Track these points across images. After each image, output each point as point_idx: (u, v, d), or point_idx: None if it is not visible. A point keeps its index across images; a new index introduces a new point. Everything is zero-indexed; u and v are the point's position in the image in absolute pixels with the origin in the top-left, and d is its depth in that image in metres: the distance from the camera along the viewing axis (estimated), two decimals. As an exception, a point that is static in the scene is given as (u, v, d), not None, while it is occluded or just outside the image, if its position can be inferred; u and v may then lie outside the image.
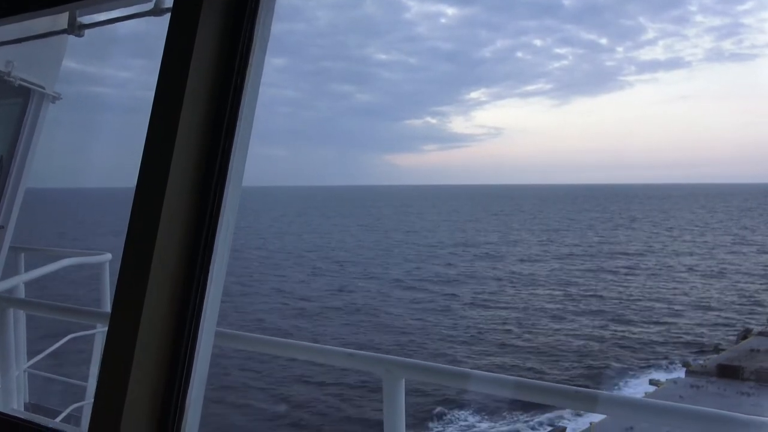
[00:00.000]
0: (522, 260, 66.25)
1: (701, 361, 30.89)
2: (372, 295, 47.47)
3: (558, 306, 45.04)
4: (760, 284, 52.86)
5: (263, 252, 70.73)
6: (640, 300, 46.68)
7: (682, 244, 79.48)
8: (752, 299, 47.44)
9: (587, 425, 23.90)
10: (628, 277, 55.85)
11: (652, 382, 29.20)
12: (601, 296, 47.98)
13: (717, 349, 33.63)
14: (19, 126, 5.62)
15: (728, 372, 27.73)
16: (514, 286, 52.11)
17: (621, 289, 50.63)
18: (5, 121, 5.75)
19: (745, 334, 35.24)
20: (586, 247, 76.66)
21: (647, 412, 2.64)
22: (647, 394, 26.31)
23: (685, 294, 49.05)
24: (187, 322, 1.98)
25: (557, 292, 49.57)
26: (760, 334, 34.41)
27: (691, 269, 60.58)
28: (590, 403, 2.67)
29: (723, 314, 42.70)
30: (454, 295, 48.09)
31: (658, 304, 45.30)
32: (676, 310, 43.70)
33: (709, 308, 44.61)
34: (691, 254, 70.22)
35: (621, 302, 45.70)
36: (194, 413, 1.99)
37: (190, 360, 1.98)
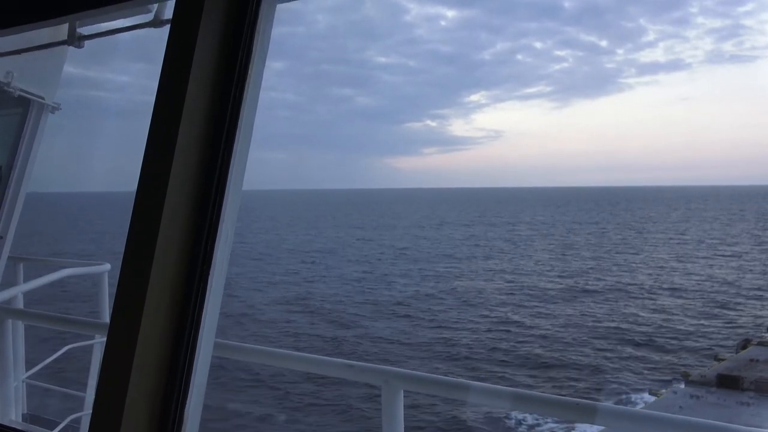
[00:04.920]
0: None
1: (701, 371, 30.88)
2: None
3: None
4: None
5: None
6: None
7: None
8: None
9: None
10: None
11: (651, 392, 29.14)
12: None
13: (717, 359, 33.57)
14: (18, 136, 5.63)
15: (728, 382, 27.63)
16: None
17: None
18: (5, 131, 5.77)
19: (745, 343, 35.15)
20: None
21: (647, 423, 2.63)
22: (647, 405, 26.22)
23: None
24: (186, 332, 1.98)
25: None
26: (760, 343, 34.32)
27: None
28: (589, 415, 2.67)
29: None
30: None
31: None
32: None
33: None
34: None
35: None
36: (193, 424, 1.99)
37: (188, 371, 1.98)
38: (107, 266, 6.00)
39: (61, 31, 4.66)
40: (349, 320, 38.91)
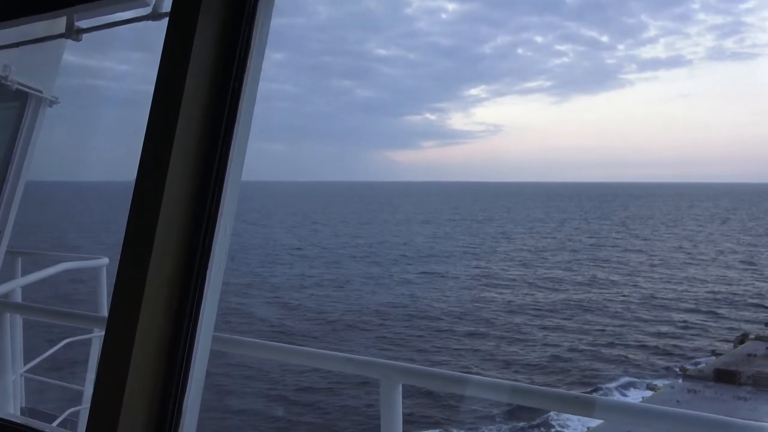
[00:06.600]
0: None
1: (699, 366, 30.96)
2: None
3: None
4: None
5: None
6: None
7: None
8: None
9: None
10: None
11: (649, 387, 29.25)
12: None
13: (715, 354, 33.65)
14: (16, 130, 5.62)
15: (725, 377, 27.78)
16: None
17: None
18: (2, 125, 5.75)
19: (742, 338, 35.25)
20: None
21: (645, 417, 2.64)
22: (644, 399, 26.31)
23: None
24: (185, 326, 1.98)
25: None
26: (757, 338, 34.44)
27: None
28: (588, 408, 2.67)
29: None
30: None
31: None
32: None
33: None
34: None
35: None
36: (191, 417, 1.99)
37: (187, 364, 1.98)
38: (105, 260, 5.99)
39: (59, 24, 4.63)
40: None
